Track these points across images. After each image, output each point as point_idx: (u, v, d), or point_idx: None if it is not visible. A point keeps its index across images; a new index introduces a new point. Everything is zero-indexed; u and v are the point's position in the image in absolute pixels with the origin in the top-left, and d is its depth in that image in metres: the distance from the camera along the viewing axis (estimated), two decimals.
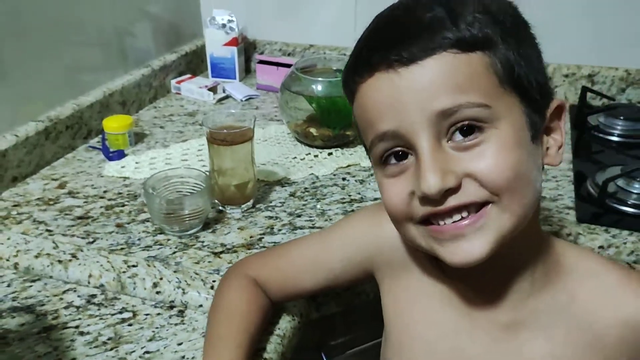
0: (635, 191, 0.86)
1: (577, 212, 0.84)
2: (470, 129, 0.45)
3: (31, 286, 0.71)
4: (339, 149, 1.04)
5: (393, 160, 0.48)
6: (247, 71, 1.41)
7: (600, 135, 1.08)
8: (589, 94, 1.18)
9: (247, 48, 1.40)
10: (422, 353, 0.56)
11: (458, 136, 0.45)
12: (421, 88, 0.44)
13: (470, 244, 0.46)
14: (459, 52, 0.44)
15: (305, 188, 0.92)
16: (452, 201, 0.45)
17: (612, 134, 1.07)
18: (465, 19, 0.44)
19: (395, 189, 0.48)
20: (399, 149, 0.47)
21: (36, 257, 0.74)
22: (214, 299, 0.63)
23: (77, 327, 0.65)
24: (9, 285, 0.71)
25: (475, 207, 0.46)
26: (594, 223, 0.82)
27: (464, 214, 0.46)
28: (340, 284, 0.64)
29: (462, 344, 0.54)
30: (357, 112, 0.50)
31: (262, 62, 1.31)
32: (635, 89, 1.19)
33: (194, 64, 1.39)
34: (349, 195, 0.90)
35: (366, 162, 0.99)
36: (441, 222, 0.47)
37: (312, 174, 0.96)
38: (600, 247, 0.78)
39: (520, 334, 0.53)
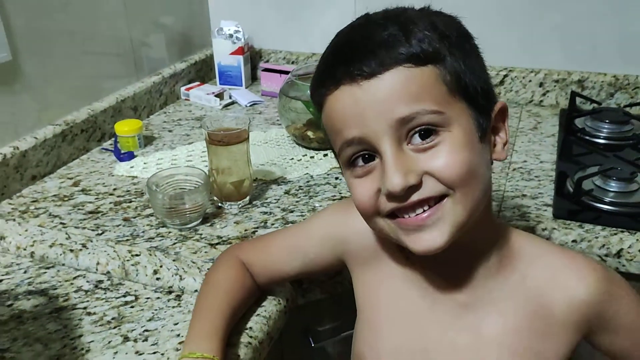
0: (611, 189, 0.90)
1: (554, 208, 0.89)
2: (427, 132, 0.50)
3: (45, 272, 0.78)
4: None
5: (360, 163, 0.53)
6: (253, 78, 1.49)
7: (587, 137, 1.12)
8: (578, 99, 1.23)
9: (253, 57, 1.48)
10: (388, 330, 0.62)
11: (417, 139, 0.51)
12: (381, 99, 0.49)
13: (431, 234, 0.52)
14: (412, 66, 0.49)
15: (300, 186, 0.99)
16: (414, 197, 0.51)
17: (598, 137, 1.11)
18: (417, 35, 0.50)
19: (363, 188, 0.54)
20: (365, 152, 0.53)
21: (50, 246, 0.81)
22: (205, 276, 0.70)
23: (85, 308, 0.72)
24: (25, 272, 0.79)
25: (435, 200, 0.52)
26: (569, 219, 0.86)
27: (425, 208, 0.52)
28: (316, 269, 0.70)
29: (424, 321, 0.60)
30: (325, 121, 0.56)
31: (266, 69, 1.38)
32: (623, 93, 1.23)
33: (203, 72, 1.47)
34: (340, 193, 0.96)
35: None
36: (405, 216, 0.53)
37: (307, 173, 1.03)
38: (574, 241, 0.83)
39: (477, 311, 0.59)
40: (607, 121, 1.12)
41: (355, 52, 0.51)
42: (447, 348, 0.59)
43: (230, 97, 1.36)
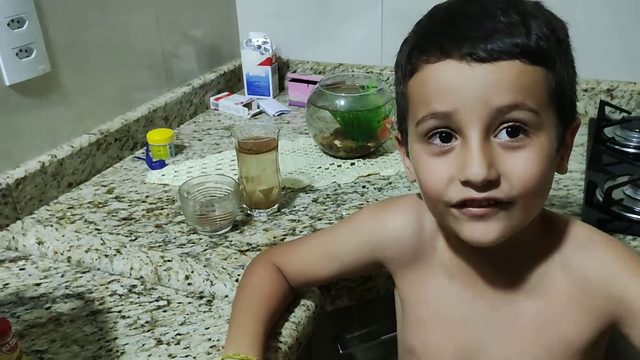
0: None
1: (583, 218, 0.88)
2: (515, 131, 0.49)
3: (82, 276, 0.81)
4: (360, 159, 1.11)
5: (437, 140, 0.52)
6: (280, 89, 1.51)
7: (616, 147, 1.11)
8: (607, 108, 1.22)
9: (280, 67, 1.50)
10: (435, 323, 0.64)
11: (504, 135, 0.50)
12: (488, 84, 0.48)
13: (487, 227, 0.51)
14: (527, 63, 0.49)
15: (327, 195, 1.00)
16: (491, 192, 0.50)
17: (628, 146, 1.10)
18: (536, 31, 0.49)
19: (436, 170, 0.52)
20: (445, 130, 0.51)
21: (86, 251, 0.84)
22: (241, 280, 0.71)
23: (119, 311, 0.74)
24: (62, 276, 0.81)
25: (503, 203, 0.50)
26: (598, 229, 0.85)
27: (492, 203, 0.50)
28: (352, 273, 0.71)
29: (466, 312, 0.61)
30: (413, 87, 0.53)
31: (293, 80, 1.40)
32: None
33: (232, 82, 1.50)
34: (367, 202, 0.97)
35: (385, 171, 1.06)
36: (471, 208, 0.51)
37: (335, 182, 1.04)
38: None
39: (515, 301, 0.59)
40: (637, 130, 1.11)
41: (471, 30, 0.49)
42: (488, 337, 0.60)
43: (258, 107, 1.39)
